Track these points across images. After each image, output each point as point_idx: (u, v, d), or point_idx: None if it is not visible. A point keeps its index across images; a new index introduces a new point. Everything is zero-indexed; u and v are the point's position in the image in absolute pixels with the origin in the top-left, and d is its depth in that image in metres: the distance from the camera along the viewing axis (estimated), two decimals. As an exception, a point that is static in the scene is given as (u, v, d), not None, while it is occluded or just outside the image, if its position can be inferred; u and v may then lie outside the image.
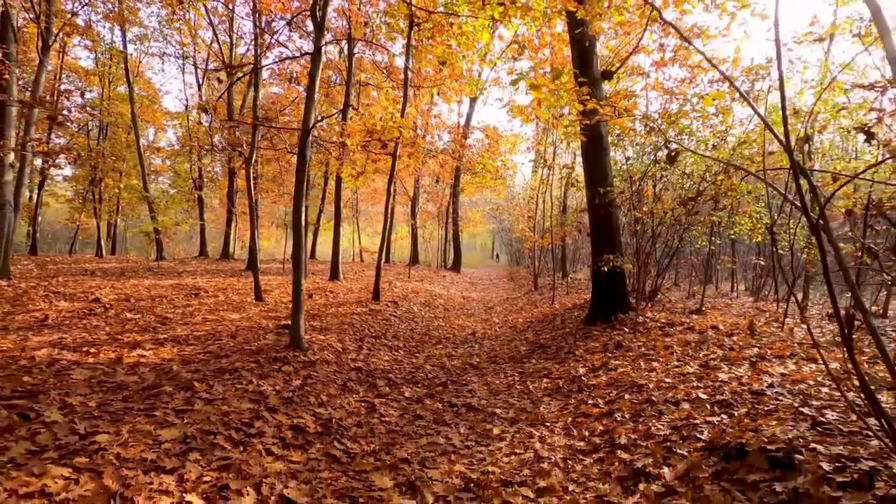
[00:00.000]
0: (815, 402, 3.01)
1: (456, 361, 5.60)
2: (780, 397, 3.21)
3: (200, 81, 22.73)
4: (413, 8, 7.60)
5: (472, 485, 2.59)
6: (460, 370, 5.21)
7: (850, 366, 1.99)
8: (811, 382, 3.39)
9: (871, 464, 2.14)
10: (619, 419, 3.37)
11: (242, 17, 17.03)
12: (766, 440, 2.51)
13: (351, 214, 25.75)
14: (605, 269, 6.64)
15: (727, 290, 11.71)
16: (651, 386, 3.85)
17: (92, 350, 4.04)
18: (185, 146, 22.62)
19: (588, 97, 4.46)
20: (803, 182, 2.19)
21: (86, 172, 18.65)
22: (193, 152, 21.39)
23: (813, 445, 2.40)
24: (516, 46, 8.11)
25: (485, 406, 4.00)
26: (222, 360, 4.02)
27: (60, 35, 15.07)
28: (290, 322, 5.76)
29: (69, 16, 14.24)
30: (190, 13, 19.01)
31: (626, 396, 3.76)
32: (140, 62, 21.03)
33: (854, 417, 2.67)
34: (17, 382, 3.05)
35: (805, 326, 5.23)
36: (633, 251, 7.70)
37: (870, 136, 2.37)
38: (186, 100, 22.87)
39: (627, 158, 7.57)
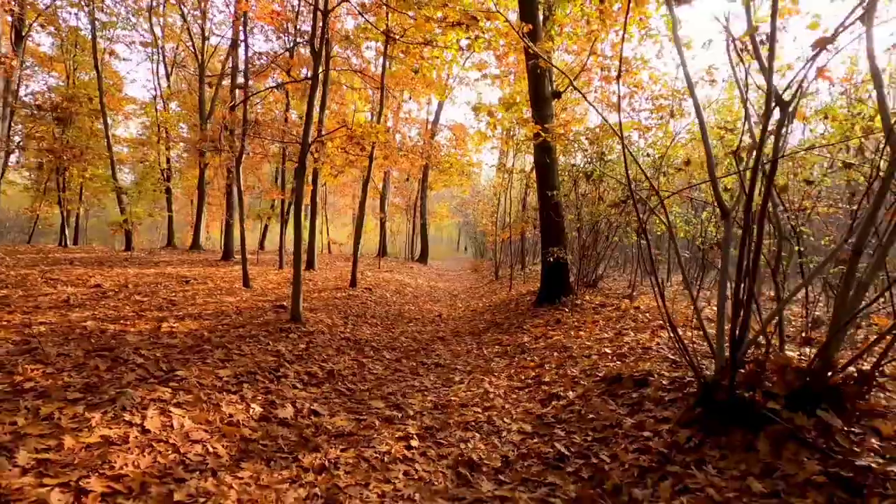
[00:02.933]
0: (694, 357, 4.29)
1: (425, 335, 6.73)
2: (661, 350, 4.49)
3: (169, 71, 22.78)
4: (389, 26, 8.58)
5: (439, 406, 3.73)
6: (429, 341, 6.34)
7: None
8: (687, 342, 4.68)
9: (691, 379, 3.41)
10: (547, 368, 4.59)
11: (219, 9, 17.37)
12: (635, 372, 3.77)
13: (320, 206, 26.36)
14: (551, 259, 7.91)
15: (663, 280, 13.33)
16: (575, 347, 5.09)
17: (128, 323, 4.92)
18: (152, 137, 22.65)
19: (533, 122, 5.63)
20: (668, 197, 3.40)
21: (50, 162, 18.52)
22: (161, 142, 21.53)
23: (664, 373, 3.66)
24: (480, 73, 9.21)
25: (448, 364, 5.16)
26: (240, 329, 5.00)
27: (34, 25, 15.14)
28: (284, 303, 6.74)
29: (43, 7, 14.38)
30: (161, 3, 19.12)
31: (555, 354, 4.99)
32: (105, 50, 20.84)
33: (700, 357, 3.96)
34: (89, 344, 3.95)
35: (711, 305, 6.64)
36: (579, 245, 9.02)
37: (686, 163, 3.65)
38: (155, 88, 22.78)
39: (573, 165, 8.82)
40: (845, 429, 2.36)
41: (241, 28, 9.17)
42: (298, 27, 13.19)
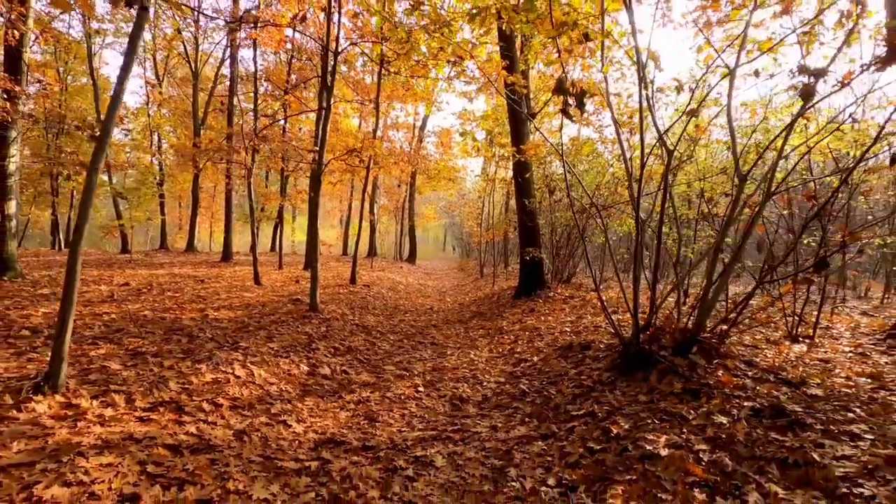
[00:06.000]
0: (619, 327, 5.55)
1: (420, 323, 7.92)
2: (608, 328, 5.75)
3: (161, 78, 23.51)
4: (384, 52, 9.74)
5: (436, 369, 4.92)
6: (424, 327, 7.53)
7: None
8: (630, 321, 5.95)
9: (618, 342, 4.64)
10: (519, 343, 5.82)
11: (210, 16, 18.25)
12: (582, 340, 5.01)
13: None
14: (528, 258, 9.16)
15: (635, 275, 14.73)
16: (543, 328, 6.33)
17: (177, 312, 5.98)
18: (143, 142, 23.37)
19: (511, 141, 6.83)
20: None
21: (43, 167, 19.02)
22: (154, 147, 22.35)
23: (604, 341, 4.91)
24: (464, 83, 10.45)
25: (441, 343, 6.35)
26: (271, 316, 6.11)
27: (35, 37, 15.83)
28: (298, 297, 7.85)
29: (48, 23, 15.14)
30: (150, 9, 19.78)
31: (527, 333, 6.22)
32: (95, 55, 21.41)
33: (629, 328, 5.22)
34: (161, 326, 5.03)
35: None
36: (552, 246, 10.31)
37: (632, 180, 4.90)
38: (147, 95, 23.44)
39: (546, 176, 10.09)
40: (705, 364, 3.62)
41: (239, 49, 10.09)
42: (297, 44, 14.25)
